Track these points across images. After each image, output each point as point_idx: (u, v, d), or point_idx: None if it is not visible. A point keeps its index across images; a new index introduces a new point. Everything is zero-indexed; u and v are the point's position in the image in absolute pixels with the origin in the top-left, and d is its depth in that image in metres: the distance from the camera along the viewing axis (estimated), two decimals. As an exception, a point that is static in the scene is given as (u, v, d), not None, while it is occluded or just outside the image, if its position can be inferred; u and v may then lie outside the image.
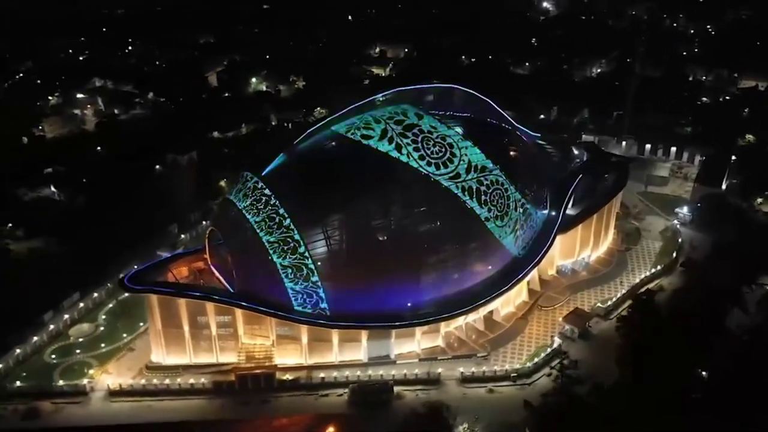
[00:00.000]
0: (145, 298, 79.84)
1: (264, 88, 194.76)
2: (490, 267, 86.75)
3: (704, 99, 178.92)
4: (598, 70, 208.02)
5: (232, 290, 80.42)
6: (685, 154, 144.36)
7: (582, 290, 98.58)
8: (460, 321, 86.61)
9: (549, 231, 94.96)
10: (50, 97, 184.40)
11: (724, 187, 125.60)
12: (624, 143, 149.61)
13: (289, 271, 76.75)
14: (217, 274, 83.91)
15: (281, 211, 77.10)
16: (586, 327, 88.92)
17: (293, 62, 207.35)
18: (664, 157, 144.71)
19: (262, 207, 77.98)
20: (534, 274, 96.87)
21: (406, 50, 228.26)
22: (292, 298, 78.00)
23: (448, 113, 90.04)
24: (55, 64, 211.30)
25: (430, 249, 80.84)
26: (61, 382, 78.43)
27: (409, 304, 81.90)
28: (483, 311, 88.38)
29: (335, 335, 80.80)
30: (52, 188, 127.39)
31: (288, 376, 79.63)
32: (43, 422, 74.27)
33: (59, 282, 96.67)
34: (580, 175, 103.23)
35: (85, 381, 78.57)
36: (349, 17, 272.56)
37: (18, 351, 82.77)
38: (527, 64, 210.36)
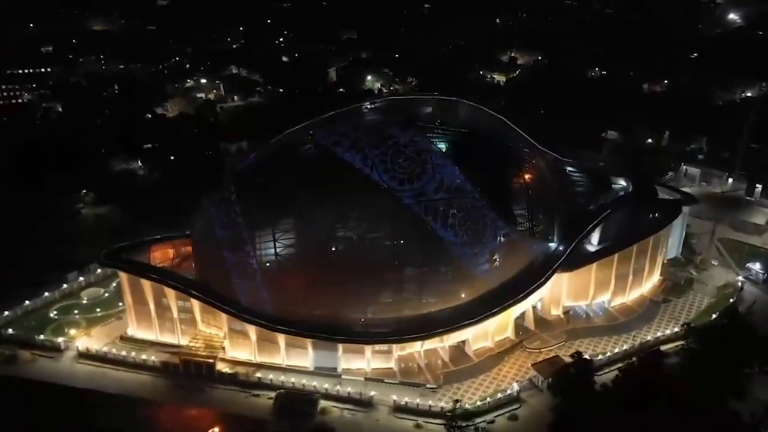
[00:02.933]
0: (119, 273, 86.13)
1: (379, 87, 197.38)
2: (454, 295, 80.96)
3: None
4: (748, 94, 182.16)
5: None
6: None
7: (583, 338, 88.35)
8: (417, 347, 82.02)
9: (548, 267, 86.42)
10: (188, 81, 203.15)
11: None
12: (731, 180, 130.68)
13: (236, 268, 78.04)
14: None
15: (237, 207, 78.58)
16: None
17: (415, 62, 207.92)
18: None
19: (224, 202, 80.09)
20: (528, 311, 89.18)
21: (539, 57, 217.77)
22: (239, 295, 79.28)
23: (443, 128, 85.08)
24: (208, 51, 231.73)
25: (380, 266, 77.42)
26: (41, 336, 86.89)
27: (362, 320, 79.61)
28: (449, 340, 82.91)
29: (281, 338, 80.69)
30: (139, 162, 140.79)
31: (227, 370, 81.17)
32: (16, 370, 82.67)
33: (104, 247, 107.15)
34: (607, 211, 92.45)
35: (60, 339, 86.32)
36: (497, 20, 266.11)
37: (27, 303, 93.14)
38: (666, 81, 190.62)
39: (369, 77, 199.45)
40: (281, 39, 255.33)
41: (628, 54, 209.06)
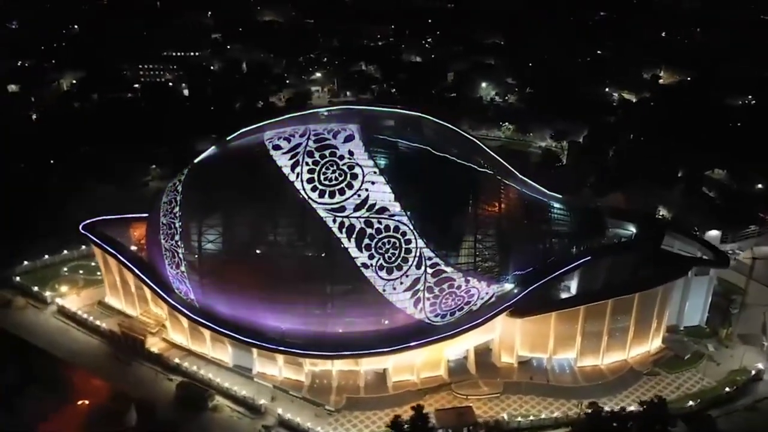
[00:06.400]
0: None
1: (492, 95, 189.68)
2: (371, 319, 76.52)
3: None
4: None
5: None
6: None
7: (524, 394, 78.68)
8: (328, 364, 79.13)
9: (493, 309, 78.38)
10: (317, 74, 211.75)
11: None
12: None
13: (168, 254, 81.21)
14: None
15: (178, 198, 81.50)
16: (461, 430, 71.95)
17: (543, 73, 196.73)
18: None
19: (172, 190, 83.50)
20: (470, 352, 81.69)
21: (688, 78, 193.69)
22: (171, 281, 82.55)
23: (397, 142, 79.94)
24: (351, 46, 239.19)
25: (288, 277, 75.48)
26: (35, 288, 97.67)
27: (281, 327, 78.65)
28: (364, 365, 78.93)
29: (205, 330, 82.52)
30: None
31: (155, 350, 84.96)
32: (7, 314, 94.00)
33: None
34: (587, 257, 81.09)
35: (48, 293, 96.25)
36: (663, 33, 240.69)
37: (47, 257, 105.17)
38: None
39: (483, 84, 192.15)
40: (429, 39, 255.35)
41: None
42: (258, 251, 77.81)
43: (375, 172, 75.61)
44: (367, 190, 74.53)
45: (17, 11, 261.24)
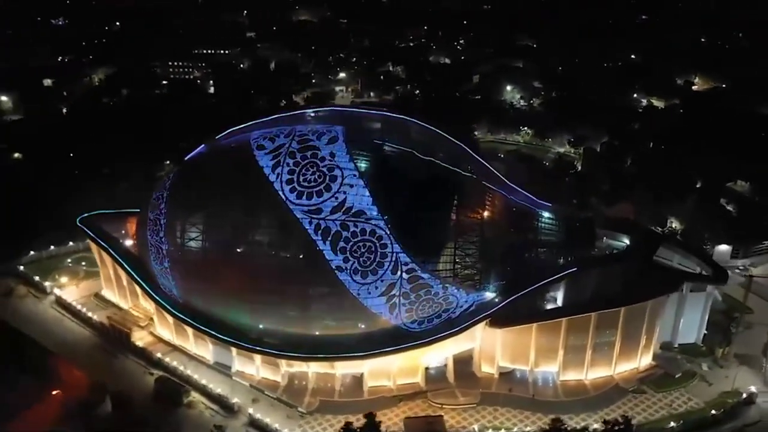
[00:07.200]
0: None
1: (516, 98, 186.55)
2: (346, 322, 76.00)
3: None
4: None
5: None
6: None
7: (500, 405, 76.91)
8: (304, 366, 78.94)
9: (471, 318, 76.94)
10: (342, 74, 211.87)
11: None
12: None
13: (153, 250, 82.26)
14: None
15: (165, 194, 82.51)
16: (428, 440, 70.94)
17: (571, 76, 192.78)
18: None
19: (161, 187, 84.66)
20: (449, 360, 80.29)
21: (724, 86, 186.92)
22: (156, 275, 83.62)
23: (382, 145, 79.25)
24: (380, 47, 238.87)
25: (264, 277, 75.52)
26: (37, 278, 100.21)
27: (260, 326, 78.99)
28: (339, 369, 78.48)
29: (187, 326, 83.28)
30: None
31: (140, 344, 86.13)
32: (8, 302, 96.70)
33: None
34: (572, 269, 78.87)
35: (47, 284, 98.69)
36: (702, 39, 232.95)
37: (53, 247, 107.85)
38: None
39: (508, 87, 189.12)
40: (461, 41, 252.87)
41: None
42: (236, 250, 78.07)
43: (355, 175, 75.04)
44: (345, 192, 74.04)
45: (66, 9, 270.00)
